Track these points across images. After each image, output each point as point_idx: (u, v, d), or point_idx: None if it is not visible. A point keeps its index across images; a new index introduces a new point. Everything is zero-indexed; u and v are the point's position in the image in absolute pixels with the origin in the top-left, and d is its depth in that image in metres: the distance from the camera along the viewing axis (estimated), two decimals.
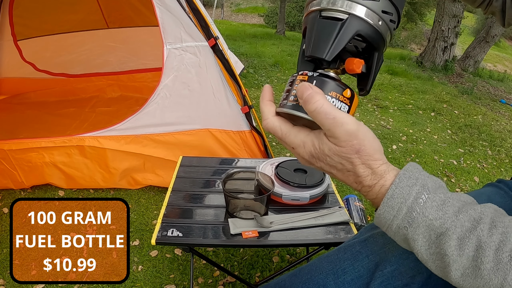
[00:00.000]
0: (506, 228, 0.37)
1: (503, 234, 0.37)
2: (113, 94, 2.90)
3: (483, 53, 5.91)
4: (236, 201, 1.05)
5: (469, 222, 0.38)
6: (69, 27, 2.79)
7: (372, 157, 0.40)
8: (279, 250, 1.61)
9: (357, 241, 0.60)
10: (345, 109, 0.42)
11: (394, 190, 0.40)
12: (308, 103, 0.38)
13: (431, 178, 0.41)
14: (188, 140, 1.80)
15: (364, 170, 0.40)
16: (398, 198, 0.39)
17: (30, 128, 2.19)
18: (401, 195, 0.39)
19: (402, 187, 0.40)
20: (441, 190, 0.40)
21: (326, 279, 0.57)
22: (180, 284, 1.42)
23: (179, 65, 1.70)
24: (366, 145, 0.39)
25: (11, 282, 1.41)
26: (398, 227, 0.40)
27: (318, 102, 0.38)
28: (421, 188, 0.39)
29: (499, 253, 0.36)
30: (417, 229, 0.39)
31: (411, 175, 0.40)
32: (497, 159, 2.86)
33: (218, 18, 13.54)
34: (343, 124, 0.38)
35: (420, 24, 13.00)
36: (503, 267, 0.35)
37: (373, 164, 0.40)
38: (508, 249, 0.36)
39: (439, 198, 0.39)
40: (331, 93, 0.41)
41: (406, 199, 0.39)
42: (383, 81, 4.77)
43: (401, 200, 0.39)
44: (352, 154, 0.39)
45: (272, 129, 0.43)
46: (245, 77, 4.09)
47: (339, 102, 0.41)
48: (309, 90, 0.38)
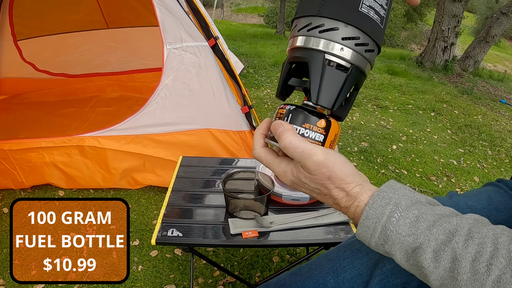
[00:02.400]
0: (483, 238, 0.38)
1: (479, 245, 0.37)
2: (113, 94, 2.90)
3: (483, 53, 5.91)
4: (236, 201, 1.05)
5: (443, 235, 0.39)
6: (69, 27, 2.79)
7: (344, 181, 0.43)
8: (279, 250, 1.61)
9: (357, 240, 0.60)
10: (320, 139, 0.44)
11: (368, 211, 0.42)
12: (279, 139, 0.43)
13: (406, 196, 0.43)
14: (188, 140, 1.80)
15: (338, 193, 0.43)
16: (372, 218, 0.42)
17: (30, 128, 2.19)
18: (375, 215, 0.42)
19: (376, 207, 0.42)
20: (416, 206, 0.42)
21: (326, 277, 0.58)
22: (180, 284, 1.42)
23: (179, 65, 1.70)
24: (336, 171, 0.42)
25: (11, 282, 1.41)
26: (376, 244, 0.43)
27: (287, 139, 0.42)
28: (394, 207, 0.41)
29: (476, 264, 0.37)
30: (393, 246, 0.41)
31: (385, 195, 0.42)
32: (497, 159, 2.86)
33: (218, 18, 13.54)
34: (310, 156, 0.41)
35: (420, 24, 13.00)
36: (480, 277, 0.36)
37: (346, 187, 0.43)
38: (485, 259, 0.36)
39: (412, 214, 0.41)
40: (305, 125, 0.44)
41: (379, 218, 0.41)
42: (383, 81, 4.77)
43: (375, 220, 0.42)
44: (325, 180, 0.43)
45: (259, 158, 0.47)
46: (245, 77, 4.09)
47: (313, 133, 0.44)
48: (280, 128, 0.43)
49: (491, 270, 0.36)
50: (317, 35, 0.43)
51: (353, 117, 3.39)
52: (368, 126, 3.19)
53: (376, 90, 4.39)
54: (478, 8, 14.47)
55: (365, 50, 0.42)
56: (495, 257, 0.36)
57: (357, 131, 3.05)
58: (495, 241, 0.38)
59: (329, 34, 0.42)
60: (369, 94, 4.13)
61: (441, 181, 2.42)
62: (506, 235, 0.38)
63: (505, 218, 0.64)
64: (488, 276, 0.36)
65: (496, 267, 0.36)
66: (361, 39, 0.42)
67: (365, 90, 4.29)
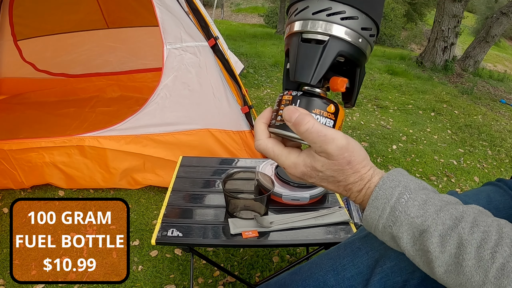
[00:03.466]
0: (488, 227, 0.38)
1: (484, 232, 0.38)
2: (113, 94, 2.90)
3: (483, 53, 5.91)
4: (236, 201, 1.05)
5: (450, 220, 0.39)
6: (69, 27, 2.79)
7: (361, 164, 0.43)
8: (279, 250, 1.61)
9: (357, 238, 0.60)
10: (330, 124, 0.44)
11: (377, 192, 0.42)
12: (299, 125, 0.41)
13: (414, 181, 0.43)
14: (188, 140, 1.80)
15: (354, 178, 0.43)
16: (382, 199, 0.42)
17: (30, 128, 2.19)
18: (384, 196, 0.42)
19: (385, 188, 0.42)
20: (424, 192, 0.42)
21: (326, 275, 0.58)
22: (180, 284, 1.42)
23: (179, 65, 1.70)
24: (355, 155, 0.42)
25: (11, 282, 1.41)
26: (383, 226, 0.42)
27: (309, 123, 0.40)
28: (403, 189, 0.42)
29: (481, 251, 0.37)
30: (401, 227, 0.41)
31: (394, 178, 0.43)
32: (497, 159, 2.86)
33: (218, 18, 13.54)
34: (334, 140, 0.40)
35: (420, 24, 13.00)
36: (484, 264, 0.36)
37: (362, 171, 0.43)
38: (490, 247, 0.37)
39: (421, 198, 0.41)
40: (315, 111, 0.43)
41: (389, 199, 0.42)
42: (383, 81, 4.77)
43: (385, 201, 0.42)
44: (345, 165, 0.42)
45: (264, 150, 0.45)
46: (245, 77, 4.09)
47: (323, 118, 0.43)
48: (297, 113, 0.41)
49: (495, 257, 0.36)
50: (294, 19, 0.44)
51: (353, 117, 3.39)
52: (368, 126, 3.19)
53: (376, 90, 4.38)
54: (478, 8, 14.48)
55: (342, 18, 0.41)
56: (499, 245, 0.36)
57: (357, 131, 3.05)
58: (499, 230, 0.38)
59: (302, 14, 0.43)
60: (369, 94, 4.13)
61: (441, 181, 2.42)
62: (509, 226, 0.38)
63: (505, 217, 0.64)
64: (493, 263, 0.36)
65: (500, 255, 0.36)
66: (334, 8, 0.41)
67: (365, 90, 4.29)
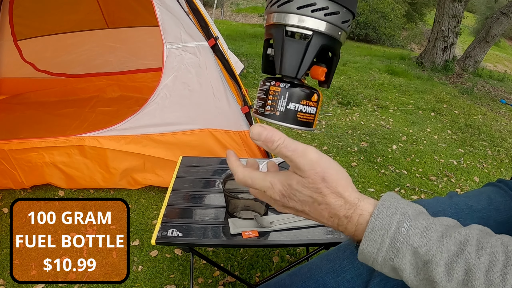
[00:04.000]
0: (494, 248, 0.37)
1: (491, 254, 0.36)
2: (113, 94, 2.90)
3: (483, 53, 5.91)
4: (236, 201, 1.05)
5: (455, 246, 0.37)
6: (69, 27, 2.79)
7: (339, 183, 0.40)
8: (279, 250, 1.61)
9: None
10: (313, 111, 0.46)
11: (374, 223, 0.38)
12: (270, 142, 0.40)
13: (410, 206, 0.40)
14: (188, 140, 1.80)
15: (335, 200, 0.40)
16: (380, 230, 0.38)
17: (30, 128, 2.19)
18: (382, 226, 0.38)
19: (382, 218, 0.38)
20: (422, 217, 0.40)
21: (326, 277, 0.57)
22: (180, 284, 1.42)
23: (179, 65, 1.70)
24: (330, 172, 0.39)
25: (11, 282, 1.41)
26: (383, 259, 0.39)
27: (280, 139, 0.40)
28: (401, 217, 0.39)
29: (490, 274, 0.35)
30: (403, 258, 0.38)
31: (390, 205, 0.39)
32: (497, 159, 2.86)
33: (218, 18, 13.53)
34: (304, 154, 0.39)
35: (420, 24, 13.00)
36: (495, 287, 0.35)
37: (342, 192, 0.40)
38: (499, 269, 0.35)
39: (421, 224, 0.38)
40: (302, 102, 0.45)
41: (387, 230, 0.38)
42: (383, 81, 4.77)
43: (383, 232, 0.38)
44: (319, 182, 0.39)
45: (243, 180, 0.43)
46: (245, 77, 4.09)
47: (309, 107, 0.46)
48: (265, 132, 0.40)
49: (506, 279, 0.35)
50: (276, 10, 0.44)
51: (353, 117, 3.39)
52: (368, 126, 3.19)
53: (376, 90, 4.39)
54: (478, 8, 14.47)
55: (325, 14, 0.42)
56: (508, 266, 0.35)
57: (357, 131, 3.05)
58: (505, 249, 0.37)
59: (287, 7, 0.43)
60: (369, 94, 4.13)
61: (441, 181, 2.42)
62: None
63: (505, 218, 0.64)
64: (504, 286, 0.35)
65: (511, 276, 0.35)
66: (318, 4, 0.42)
67: (365, 90, 4.29)
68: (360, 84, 4.57)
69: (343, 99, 3.79)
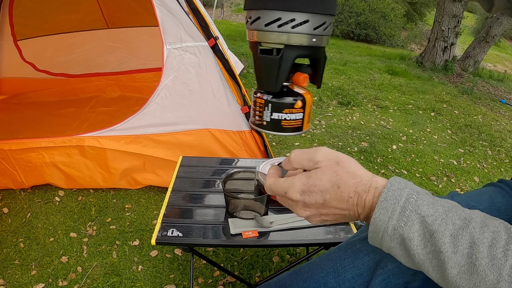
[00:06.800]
0: (497, 227, 0.39)
1: (494, 232, 0.38)
2: (113, 94, 2.90)
3: (483, 53, 5.91)
4: (236, 201, 1.05)
5: (460, 221, 0.40)
6: (69, 27, 2.79)
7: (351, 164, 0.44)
8: (279, 250, 1.61)
9: (358, 239, 0.60)
10: (300, 116, 0.49)
11: (386, 193, 0.42)
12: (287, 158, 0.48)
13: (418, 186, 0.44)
14: (188, 140, 1.80)
15: (352, 178, 0.44)
16: (391, 199, 0.42)
17: (30, 128, 2.19)
18: (394, 196, 0.42)
19: (394, 190, 0.42)
20: (429, 195, 0.43)
21: (326, 277, 0.57)
22: (180, 284, 1.42)
23: (179, 65, 1.70)
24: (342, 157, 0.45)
25: (11, 282, 1.41)
26: (393, 228, 0.42)
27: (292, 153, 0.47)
28: (411, 190, 0.42)
29: (493, 249, 0.37)
30: (412, 227, 0.41)
31: (401, 181, 0.43)
32: (497, 159, 2.86)
33: (218, 18, 13.52)
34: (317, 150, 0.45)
35: (420, 24, 12.99)
36: (498, 262, 0.36)
37: (357, 171, 0.44)
38: (501, 246, 0.37)
39: (428, 198, 0.42)
40: (285, 111, 0.48)
41: (398, 200, 0.42)
42: (383, 81, 4.77)
43: (394, 201, 0.42)
44: (334, 166, 0.44)
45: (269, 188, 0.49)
46: (245, 77, 4.09)
47: (293, 115, 0.48)
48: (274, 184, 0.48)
49: (508, 255, 0.36)
50: (249, 27, 0.46)
51: (353, 117, 3.39)
52: (368, 126, 3.19)
53: (376, 90, 4.38)
54: (478, 8, 14.46)
55: (293, 26, 0.42)
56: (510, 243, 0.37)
57: (357, 131, 3.05)
58: (507, 230, 0.38)
59: (256, 25, 0.44)
60: (369, 94, 4.13)
61: (441, 181, 2.42)
62: None
63: (506, 219, 0.64)
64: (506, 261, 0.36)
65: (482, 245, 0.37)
66: (283, 18, 0.42)
67: (365, 90, 4.29)
68: (360, 84, 4.57)
69: (343, 99, 3.79)
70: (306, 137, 2.82)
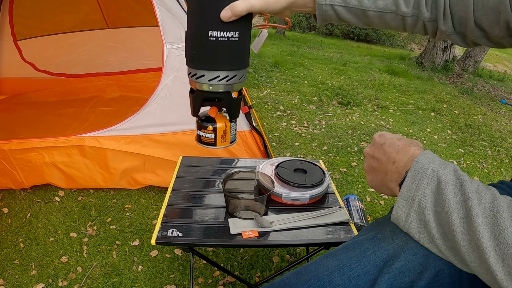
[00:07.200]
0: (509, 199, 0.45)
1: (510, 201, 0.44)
2: (113, 94, 2.90)
3: (483, 53, 5.91)
4: (236, 201, 1.05)
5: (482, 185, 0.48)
6: (69, 27, 2.79)
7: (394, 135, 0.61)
8: (279, 250, 1.61)
9: (365, 239, 0.60)
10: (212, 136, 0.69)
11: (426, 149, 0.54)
12: None
13: None
14: (188, 140, 1.80)
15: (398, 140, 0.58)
16: (430, 153, 0.52)
17: (30, 128, 2.19)
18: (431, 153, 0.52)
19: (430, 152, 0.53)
20: None
21: (332, 275, 0.57)
22: (180, 284, 1.42)
23: (179, 65, 1.70)
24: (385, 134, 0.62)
25: (11, 282, 1.41)
26: (433, 170, 0.49)
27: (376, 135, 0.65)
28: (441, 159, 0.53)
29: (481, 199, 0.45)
30: (448, 173, 0.48)
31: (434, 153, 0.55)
32: (497, 159, 2.86)
33: None
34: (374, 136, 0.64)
35: None
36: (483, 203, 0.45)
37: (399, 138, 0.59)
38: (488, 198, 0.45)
39: None
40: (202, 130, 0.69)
41: (435, 156, 0.52)
42: (383, 81, 4.77)
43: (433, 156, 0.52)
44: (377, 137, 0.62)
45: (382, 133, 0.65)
46: None
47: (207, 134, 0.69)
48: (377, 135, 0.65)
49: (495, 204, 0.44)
50: None
51: (353, 117, 3.39)
52: (368, 126, 3.19)
53: (376, 90, 4.39)
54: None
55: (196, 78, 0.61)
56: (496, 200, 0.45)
57: (357, 131, 3.05)
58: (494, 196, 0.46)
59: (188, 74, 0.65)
60: (369, 94, 4.13)
61: None
62: None
63: None
64: None
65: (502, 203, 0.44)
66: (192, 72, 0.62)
67: (365, 90, 4.29)
68: (360, 84, 4.57)
69: (343, 99, 3.79)
70: (306, 137, 2.82)
